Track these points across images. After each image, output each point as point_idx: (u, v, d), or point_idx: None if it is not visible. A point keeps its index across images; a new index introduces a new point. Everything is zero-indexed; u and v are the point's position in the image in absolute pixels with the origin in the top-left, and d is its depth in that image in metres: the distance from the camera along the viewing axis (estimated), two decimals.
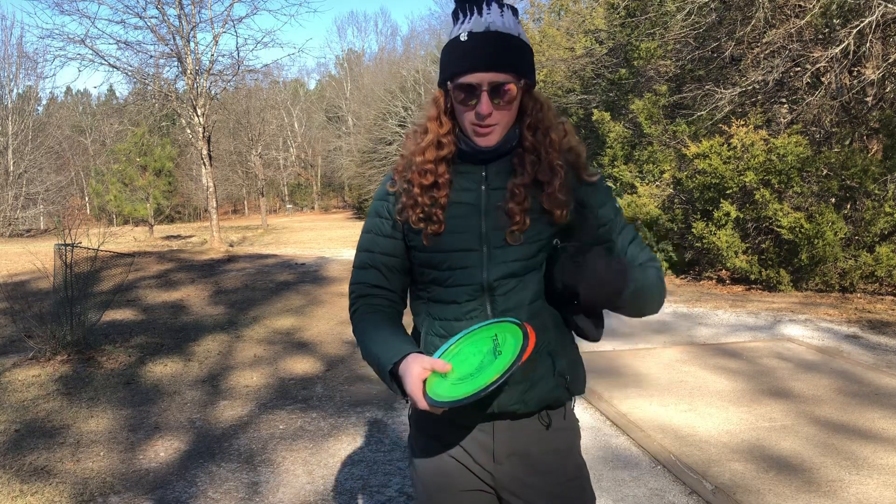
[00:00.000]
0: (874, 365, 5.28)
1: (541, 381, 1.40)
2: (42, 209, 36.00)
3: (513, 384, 1.37)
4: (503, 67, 1.32)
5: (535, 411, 1.42)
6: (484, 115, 1.32)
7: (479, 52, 1.32)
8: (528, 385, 1.38)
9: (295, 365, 5.70)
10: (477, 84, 1.31)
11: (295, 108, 53.20)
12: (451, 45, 1.37)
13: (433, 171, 1.39)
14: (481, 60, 1.31)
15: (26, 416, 4.44)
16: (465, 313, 1.40)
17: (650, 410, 4.35)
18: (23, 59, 38.33)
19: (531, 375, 1.39)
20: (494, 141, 1.37)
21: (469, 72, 1.32)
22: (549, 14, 18.06)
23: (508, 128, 1.38)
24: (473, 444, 1.43)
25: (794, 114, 9.90)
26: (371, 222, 1.50)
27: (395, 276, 1.49)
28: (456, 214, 1.39)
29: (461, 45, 1.34)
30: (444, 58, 1.38)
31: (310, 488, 3.40)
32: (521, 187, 1.37)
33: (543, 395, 1.40)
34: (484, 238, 1.38)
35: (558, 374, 1.41)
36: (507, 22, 1.35)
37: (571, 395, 1.46)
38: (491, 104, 1.32)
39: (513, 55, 1.34)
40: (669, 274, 10.60)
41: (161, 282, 9.65)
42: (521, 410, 1.40)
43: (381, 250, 1.48)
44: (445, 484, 1.46)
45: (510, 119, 1.38)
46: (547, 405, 1.43)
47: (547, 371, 1.40)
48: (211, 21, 17.44)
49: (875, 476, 3.34)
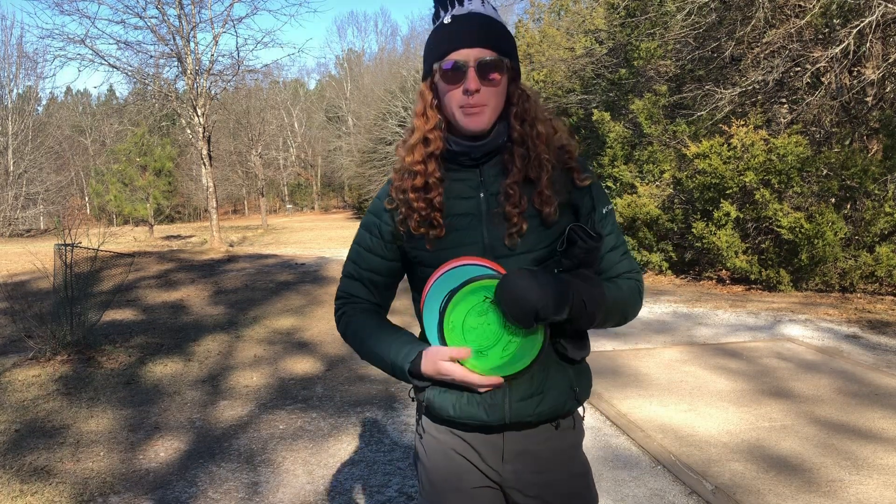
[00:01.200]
0: (874, 365, 5.28)
1: (553, 390, 1.40)
2: (42, 209, 36.01)
3: (528, 395, 1.38)
4: (488, 44, 1.32)
5: (547, 421, 1.43)
6: (472, 91, 1.31)
7: (465, 30, 1.33)
8: (541, 397, 1.39)
9: (295, 365, 5.70)
10: (464, 61, 1.31)
11: (295, 108, 53.22)
12: (435, 32, 1.37)
13: (423, 171, 1.38)
14: (467, 38, 1.32)
15: (26, 416, 4.44)
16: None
17: (650, 410, 4.35)
18: (23, 59, 38.39)
19: (544, 385, 1.39)
20: (483, 123, 1.34)
21: (455, 49, 1.32)
22: (549, 14, 18.05)
23: (497, 112, 1.37)
24: (483, 443, 1.44)
25: (794, 114, 9.90)
26: (361, 235, 1.51)
27: (379, 291, 1.53)
28: (458, 226, 1.38)
29: (445, 28, 1.35)
30: (429, 45, 1.38)
31: (310, 488, 3.40)
32: (515, 186, 1.36)
33: (556, 405, 1.41)
34: (488, 249, 1.38)
35: (568, 385, 1.42)
36: (489, 10, 1.37)
37: (580, 404, 1.47)
38: (478, 80, 1.31)
39: (497, 35, 1.35)
40: (669, 274, 10.60)
41: (161, 282, 9.65)
42: (533, 421, 1.41)
43: (367, 266, 1.50)
44: (454, 481, 1.46)
45: (498, 102, 1.36)
46: (558, 416, 1.44)
47: (559, 380, 1.41)
48: (211, 21, 17.46)
49: (875, 476, 3.34)
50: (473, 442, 1.44)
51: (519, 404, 1.37)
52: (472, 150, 1.37)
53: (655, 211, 10.27)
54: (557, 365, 1.40)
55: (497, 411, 1.37)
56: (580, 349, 1.41)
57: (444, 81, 1.34)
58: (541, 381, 1.38)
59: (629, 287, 1.43)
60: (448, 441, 1.46)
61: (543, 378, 1.39)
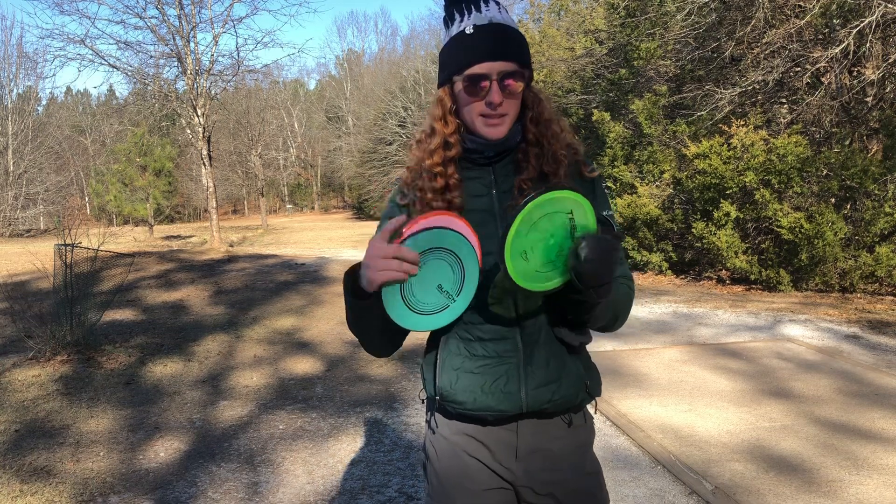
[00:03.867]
0: (874, 365, 5.28)
1: (567, 379, 1.41)
2: (42, 209, 36.02)
3: (544, 383, 1.39)
4: (510, 56, 1.35)
5: (562, 412, 1.44)
6: (496, 104, 1.34)
7: (488, 42, 1.34)
8: (557, 385, 1.40)
9: (295, 365, 5.70)
10: (487, 73, 1.33)
11: (295, 108, 53.24)
12: (455, 40, 1.38)
13: (443, 173, 1.41)
14: (490, 50, 1.34)
15: (26, 416, 4.43)
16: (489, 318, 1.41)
17: (650, 410, 4.35)
18: (23, 59, 38.39)
19: (560, 372, 1.40)
20: (503, 132, 1.39)
21: (478, 62, 1.34)
22: (549, 14, 18.05)
23: (515, 119, 1.41)
24: (497, 442, 1.44)
25: (794, 114, 9.91)
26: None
27: None
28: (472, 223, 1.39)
29: (468, 38, 1.36)
30: (450, 53, 1.39)
31: (309, 488, 3.40)
32: (529, 182, 1.40)
33: (570, 395, 1.42)
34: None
35: (580, 376, 1.43)
36: (505, 17, 1.39)
37: (592, 398, 1.48)
38: (501, 94, 1.34)
39: (517, 46, 1.37)
40: (669, 274, 10.60)
41: (161, 282, 9.65)
42: (549, 409, 1.41)
43: None
44: (466, 483, 1.46)
45: (516, 111, 1.40)
46: (571, 407, 1.45)
47: (573, 370, 1.42)
48: (211, 21, 17.47)
49: (875, 476, 3.34)
50: (487, 440, 1.44)
51: (536, 391, 1.38)
52: (486, 148, 1.41)
53: (655, 211, 10.27)
54: (570, 356, 1.42)
55: (513, 399, 1.38)
56: (580, 334, 1.41)
57: (467, 93, 1.37)
58: (557, 369, 1.40)
59: (622, 291, 1.44)
60: (461, 443, 1.46)
61: (559, 366, 1.40)
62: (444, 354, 1.44)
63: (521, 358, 1.39)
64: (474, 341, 1.41)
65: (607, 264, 1.21)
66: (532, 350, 1.39)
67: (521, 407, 1.39)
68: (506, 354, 1.39)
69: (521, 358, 1.39)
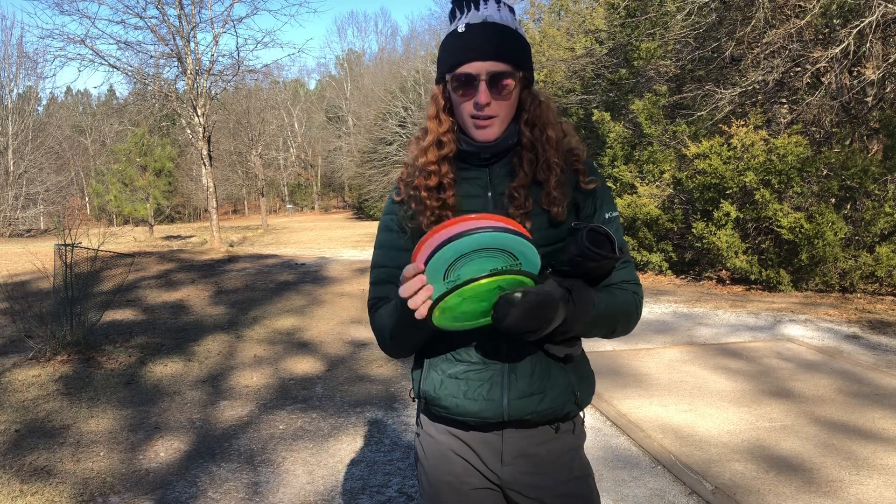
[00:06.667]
0: (874, 365, 5.28)
1: (553, 391, 1.39)
2: (42, 209, 36.03)
3: (527, 394, 1.37)
4: (501, 57, 1.32)
5: (547, 423, 1.42)
6: (482, 105, 1.31)
7: (477, 42, 1.32)
8: (541, 397, 1.37)
9: (295, 365, 5.70)
10: (475, 74, 1.31)
11: (295, 108, 53.23)
12: (448, 38, 1.37)
13: (437, 171, 1.39)
14: (479, 50, 1.31)
15: (26, 416, 4.43)
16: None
17: (650, 410, 4.35)
18: (23, 59, 38.41)
19: (545, 384, 1.38)
20: (494, 135, 1.36)
21: (467, 61, 1.32)
22: (549, 14, 18.05)
23: (507, 122, 1.38)
24: (482, 444, 1.43)
25: (794, 114, 9.91)
26: (383, 237, 1.49)
27: None
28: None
29: (459, 37, 1.34)
30: (442, 51, 1.38)
31: (310, 488, 3.40)
32: (521, 189, 1.36)
33: (556, 407, 1.39)
34: None
35: (570, 388, 1.41)
36: (505, 17, 1.35)
37: (581, 409, 1.46)
38: (489, 94, 1.31)
39: (510, 46, 1.34)
40: (669, 274, 10.60)
41: (161, 282, 9.65)
42: (533, 420, 1.39)
43: (396, 264, 1.44)
44: (454, 482, 1.46)
45: (509, 113, 1.37)
46: (557, 418, 1.42)
47: (560, 382, 1.39)
48: (211, 21, 17.47)
49: (875, 476, 3.34)
50: (472, 443, 1.43)
51: (517, 402, 1.37)
52: (482, 150, 1.38)
53: (655, 211, 10.27)
54: (558, 366, 1.39)
55: (495, 407, 1.36)
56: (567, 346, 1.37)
57: (456, 92, 1.35)
58: (541, 381, 1.37)
59: (623, 298, 1.40)
60: (447, 442, 1.45)
61: (544, 377, 1.37)
62: (430, 357, 1.43)
63: (506, 365, 1.37)
64: (460, 346, 1.39)
65: (531, 321, 1.19)
66: (517, 358, 1.37)
67: (502, 415, 1.37)
68: (490, 360, 1.37)
69: (505, 365, 1.37)
